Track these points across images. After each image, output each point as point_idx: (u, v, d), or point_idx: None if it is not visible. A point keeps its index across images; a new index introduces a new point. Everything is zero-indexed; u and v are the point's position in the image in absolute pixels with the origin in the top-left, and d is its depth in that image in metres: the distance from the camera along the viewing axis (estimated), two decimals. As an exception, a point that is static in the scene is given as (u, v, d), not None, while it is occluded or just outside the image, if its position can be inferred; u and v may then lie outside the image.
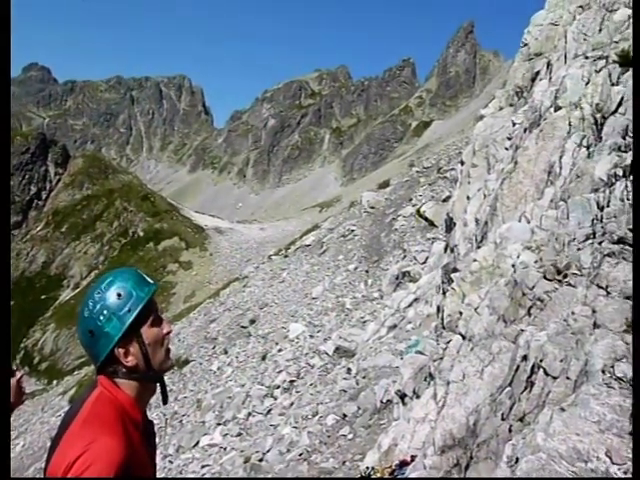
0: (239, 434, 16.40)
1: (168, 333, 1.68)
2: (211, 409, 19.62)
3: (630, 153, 6.16)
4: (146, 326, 1.61)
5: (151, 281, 1.68)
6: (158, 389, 1.74)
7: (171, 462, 16.78)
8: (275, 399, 17.51)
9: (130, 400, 1.58)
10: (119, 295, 1.57)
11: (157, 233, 59.75)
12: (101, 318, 1.55)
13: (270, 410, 16.77)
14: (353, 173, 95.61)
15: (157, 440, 1.93)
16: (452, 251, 11.53)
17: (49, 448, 1.52)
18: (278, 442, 12.77)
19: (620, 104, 7.62)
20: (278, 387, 18.19)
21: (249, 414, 17.40)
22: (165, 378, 1.75)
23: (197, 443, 17.46)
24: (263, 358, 22.23)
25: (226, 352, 25.75)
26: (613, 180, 6.06)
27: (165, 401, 1.80)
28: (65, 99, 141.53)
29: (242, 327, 27.51)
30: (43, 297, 56.38)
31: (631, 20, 8.89)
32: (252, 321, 27.52)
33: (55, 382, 41.08)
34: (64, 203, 67.46)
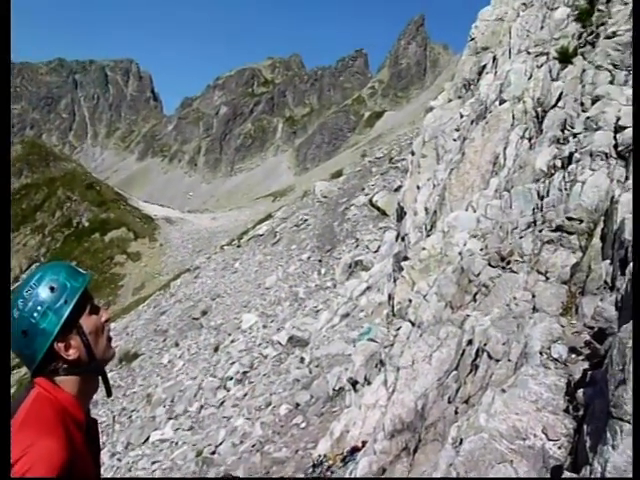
0: (191, 428, 16.18)
1: (107, 320, 1.64)
2: (162, 403, 19.24)
3: (569, 145, 6.45)
4: (84, 316, 1.55)
5: (84, 271, 1.63)
6: (101, 386, 1.68)
7: (119, 460, 16.34)
8: (228, 391, 17.37)
9: (71, 399, 1.51)
10: (52, 288, 1.50)
11: (103, 223, 57.53)
12: (35, 315, 1.46)
13: (223, 402, 16.63)
14: (306, 162, 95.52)
15: (104, 438, 1.87)
16: (403, 240, 11.75)
17: None
18: (231, 434, 12.70)
19: (559, 99, 7.97)
20: (231, 378, 18.05)
21: (201, 407, 17.20)
22: (113, 373, 1.70)
23: (147, 439, 17.09)
24: (215, 350, 21.98)
25: (177, 345, 25.28)
26: (552, 171, 6.34)
27: (109, 394, 1.74)
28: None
29: (194, 319, 27.06)
30: (-21, 291, 53.25)
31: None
32: (204, 312, 27.12)
33: (-6, 381, 38.96)
34: (1, 192, 63.78)
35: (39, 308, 1.48)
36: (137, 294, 45.07)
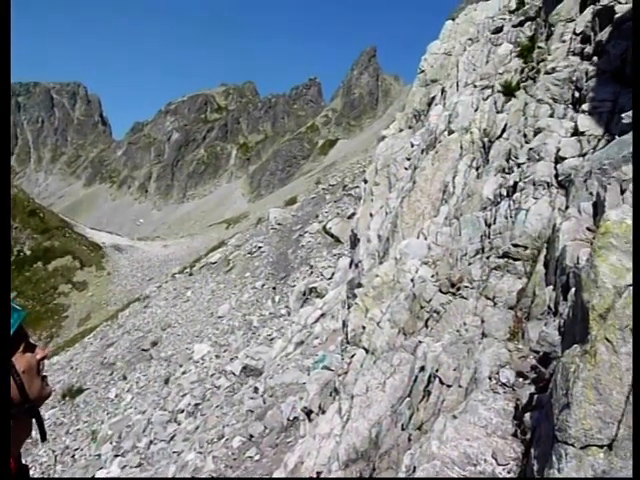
0: (139, 464, 15.40)
1: (43, 358, 1.54)
2: (108, 440, 18.24)
3: (514, 174, 6.75)
4: (18, 354, 1.45)
5: (19, 307, 1.54)
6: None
7: (61, 502, 15.32)
8: (179, 424, 16.71)
9: None
10: None
11: (47, 252, 55.01)
12: None
13: (173, 436, 15.95)
14: (260, 189, 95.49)
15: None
16: (357, 266, 11.84)
17: None
18: (181, 470, 12.16)
19: (504, 130, 8.36)
20: (182, 411, 17.39)
21: (150, 442, 16.42)
22: (55, 410, 1.59)
23: (92, 479, 16.12)
24: (166, 382, 21.18)
25: (125, 378, 24.19)
26: (498, 199, 6.60)
27: (43, 437, 1.62)
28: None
29: (143, 350, 26.06)
30: None
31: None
32: (154, 343, 26.19)
33: None
34: None
35: None
36: (83, 325, 43.05)
